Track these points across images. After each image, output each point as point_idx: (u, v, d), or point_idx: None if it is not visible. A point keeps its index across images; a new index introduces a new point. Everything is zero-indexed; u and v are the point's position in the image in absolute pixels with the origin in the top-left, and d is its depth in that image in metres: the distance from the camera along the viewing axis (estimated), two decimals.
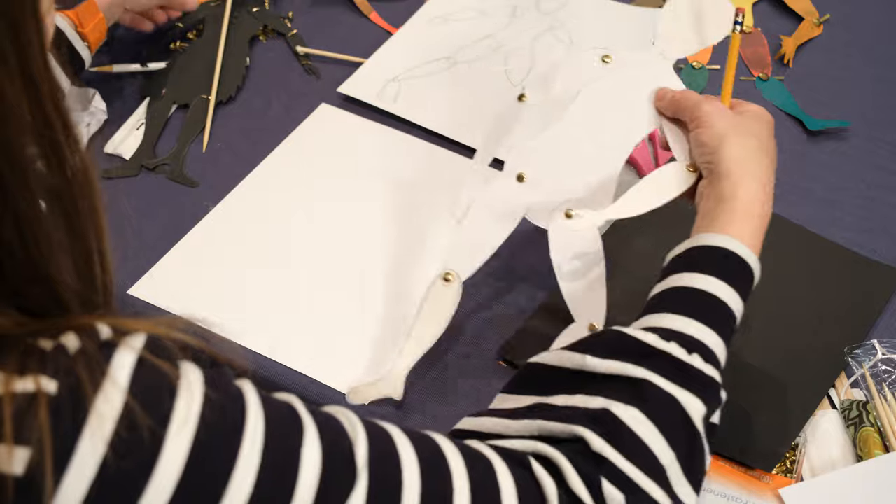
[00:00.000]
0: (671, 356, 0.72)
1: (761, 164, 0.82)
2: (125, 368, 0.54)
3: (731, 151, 0.82)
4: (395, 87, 1.20)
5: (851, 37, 1.26)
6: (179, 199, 1.09)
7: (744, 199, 0.80)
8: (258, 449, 0.56)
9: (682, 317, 0.75)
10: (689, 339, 0.74)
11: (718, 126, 0.84)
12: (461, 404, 0.91)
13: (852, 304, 0.97)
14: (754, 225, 0.79)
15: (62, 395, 0.52)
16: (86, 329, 0.55)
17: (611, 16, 1.28)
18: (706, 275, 0.77)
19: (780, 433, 0.87)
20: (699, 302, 0.76)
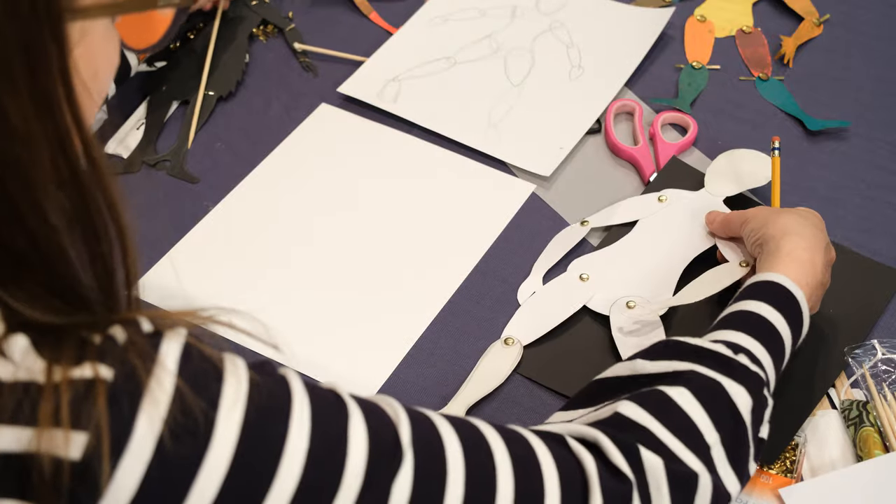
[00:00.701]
0: (717, 353, 0.76)
1: (805, 227, 0.88)
2: (173, 355, 0.55)
3: (777, 222, 0.89)
4: (395, 86, 1.20)
5: (851, 37, 1.26)
6: (180, 199, 1.09)
7: (786, 248, 0.86)
8: (306, 430, 0.57)
9: (730, 330, 0.80)
10: (735, 344, 0.78)
11: (763, 212, 0.92)
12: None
13: (853, 304, 0.97)
14: (798, 266, 0.85)
15: (118, 382, 0.53)
16: (130, 322, 0.56)
17: (611, 16, 1.28)
18: (752, 300, 0.82)
19: (780, 432, 0.87)
20: (745, 319, 0.81)
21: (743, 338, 0.79)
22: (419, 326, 0.98)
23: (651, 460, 0.68)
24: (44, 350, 0.53)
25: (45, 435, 0.51)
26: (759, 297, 0.82)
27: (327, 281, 1.02)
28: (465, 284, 1.01)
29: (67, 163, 0.54)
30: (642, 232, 1.04)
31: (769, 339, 0.80)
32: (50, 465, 0.51)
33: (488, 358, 0.94)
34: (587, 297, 0.98)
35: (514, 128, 1.15)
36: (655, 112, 1.16)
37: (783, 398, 0.90)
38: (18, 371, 0.52)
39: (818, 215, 0.93)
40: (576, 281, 1.00)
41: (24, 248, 0.54)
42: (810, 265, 0.85)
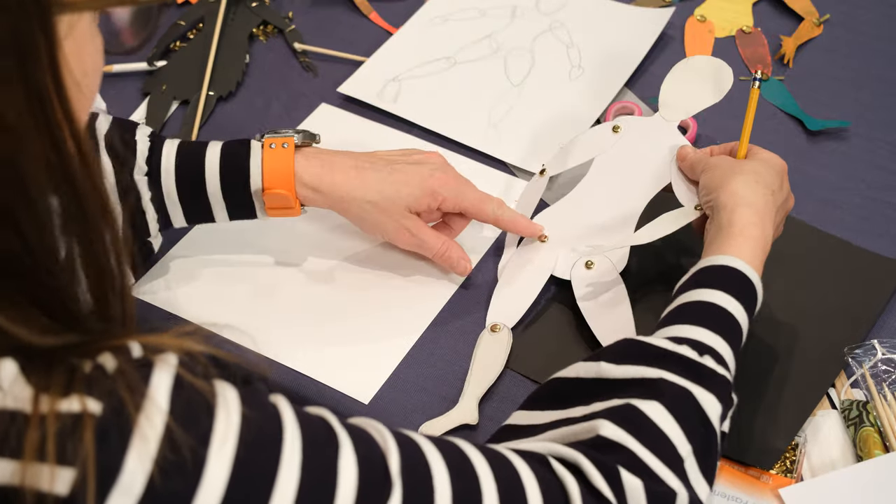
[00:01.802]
0: (684, 357, 0.75)
1: (756, 192, 0.86)
2: (163, 389, 0.54)
3: (728, 187, 0.87)
4: (395, 86, 1.20)
5: (851, 37, 1.26)
6: None
7: (738, 224, 0.84)
8: (297, 463, 0.57)
9: (691, 325, 0.79)
10: (700, 343, 0.77)
11: (720, 169, 0.90)
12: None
13: (855, 299, 0.97)
14: (751, 245, 0.84)
15: (107, 416, 0.52)
16: (119, 349, 0.55)
17: (611, 16, 1.28)
18: (709, 289, 0.81)
19: (780, 432, 0.87)
20: (705, 312, 0.80)
21: (705, 334, 0.78)
22: (419, 326, 0.97)
23: (631, 482, 0.68)
24: (32, 377, 0.52)
25: (30, 468, 0.50)
26: (716, 285, 0.81)
27: (327, 280, 1.02)
28: (465, 284, 1.01)
29: (60, 160, 0.54)
30: (597, 173, 1.02)
31: (730, 331, 0.79)
32: (34, 500, 0.51)
33: (481, 349, 0.94)
34: (552, 262, 0.98)
35: (514, 128, 1.15)
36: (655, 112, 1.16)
37: (783, 398, 0.90)
38: (6, 398, 0.52)
39: (777, 165, 0.91)
40: (537, 245, 0.99)
41: (17, 252, 0.53)
42: (762, 240, 0.84)
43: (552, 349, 0.95)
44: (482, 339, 0.95)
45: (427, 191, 0.95)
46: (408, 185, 0.95)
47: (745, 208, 0.85)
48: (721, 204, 0.87)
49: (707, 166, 0.92)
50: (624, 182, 1.01)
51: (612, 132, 1.03)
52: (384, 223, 0.95)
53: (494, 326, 0.95)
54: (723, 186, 0.88)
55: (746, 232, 0.84)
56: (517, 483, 0.66)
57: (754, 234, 0.84)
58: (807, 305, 0.97)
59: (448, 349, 0.96)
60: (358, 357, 0.96)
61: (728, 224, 0.85)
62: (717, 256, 0.83)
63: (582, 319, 0.95)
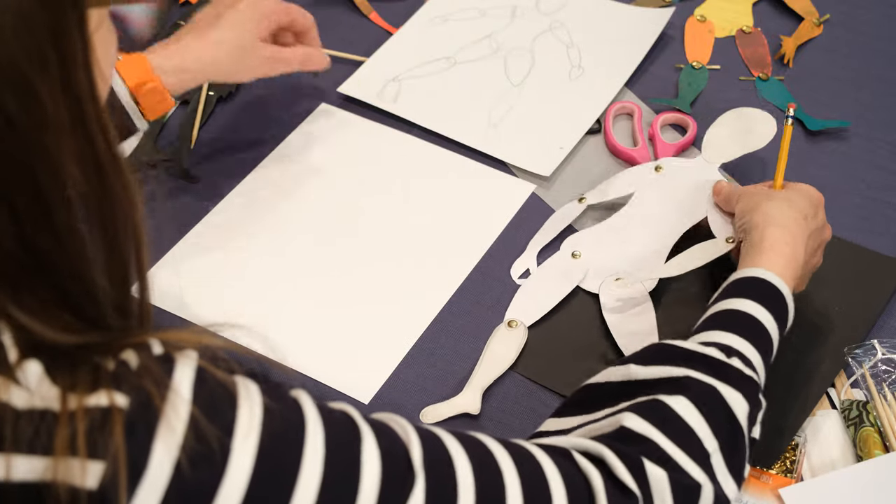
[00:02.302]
0: (710, 357, 0.76)
1: (787, 216, 0.88)
2: (187, 381, 0.55)
3: (761, 209, 0.90)
4: (395, 86, 1.20)
5: (851, 37, 1.26)
6: (179, 199, 1.09)
7: (769, 240, 0.86)
8: (320, 455, 0.57)
9: (719, 331, 0.80)
10: (727, 346, 0.78)
11: (755, 196, 0.93)
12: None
13: (855, 299, 0.97)
14: (782, 261, 0.85)
15: (134, 409, 0.53)
16: (141, 346, 0.55)
17: (611, 16, 1.28)
18: (738, 298, 0.82)
19: (779, 432, 0.87)
20: (733, 319, 0.81)
21: (734, 339, 0.79)
22: (419, 326, 0.98)
23: (655, 474, 0.68)
24: (58, 377, 0.53)
25: (62, 464, 0.51)
26: (745, 294, 0.82)
27: (327, 280, 1.02)
28: (465, 284, 1.01)
29: (92, 154, 0.54)
30: (635, 206, 1.05)
31: (758, 337, 0.80)
32: (67, 495, 0.51)
33: (495, 341, 0.95)
34: (581, 275, 1.00)
35: (514, 128, 1.15)
36: (655, 112, 1.16)
37: (783, 398, 0.90)
38: (34, 398, 0.52)
39: (812, 195, 0.92)
40: (568, 258, 1.01)
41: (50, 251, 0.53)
42: (792, 258, 0.86)
43: (561, 357, 0.95)
44: (497, 332, 0.96)
45: (262, 16, 1.04)
46: (247, 22, 1.03)
47: (776, 228, 0.87)
48: (753, 224, 0.89)
49: (743, 194, 0.95)
50: (660, 216, 1.03)
51: (654, 171, 1.06)
52: (250, 63, 1.04)
53: (512, 322, 0.96)
54: (756, 209, 0.90)
55: (777, 248, 0.86)
56: (541, 476, 0.66)
57: (785, 252, 0.86)
58: (807, 306, 0.97)
59: (448, 349, 0.96)
60: (358, 357, 0.96)
61: (759, 241, 0.87)
62: (748, 269, 0.85)
63: (596, 332, 0.96)
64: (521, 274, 1.01)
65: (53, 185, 0.53)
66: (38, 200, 0.52)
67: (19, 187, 0.52)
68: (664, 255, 1.00)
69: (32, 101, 0.51)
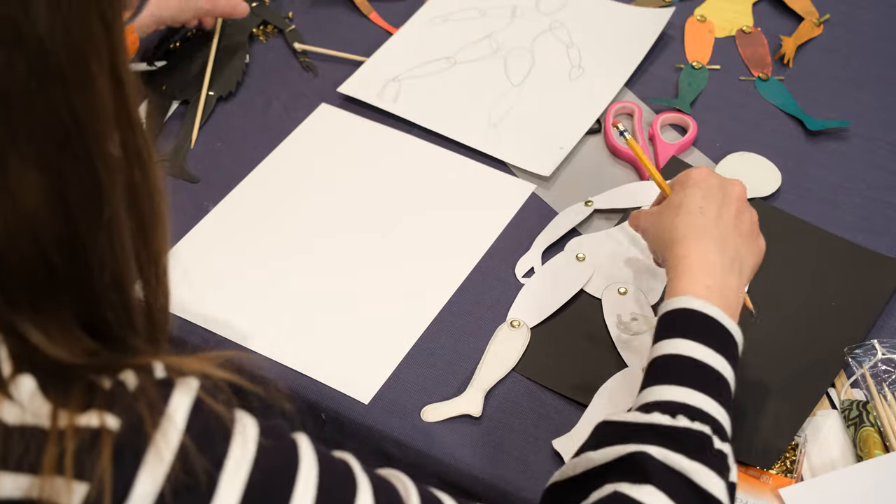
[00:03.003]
0: (656, 424, 0.71)
1: (684, 224, 0.83)
2: (182, 409, 0.54)
3: (659, 229, 0.85)
4: (395, 86, 1.20)
5: (851, 37, 1.26)
6: (179, 199, 1.09)
7: (675, 260, 0.81)
8: (310, 499, 0.57)
9: (658, 386, 0.75)
10: (669, 403, 0.73)
11: (650, 218, 0.88)
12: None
13: (855, 299, 0.97)
14: (699, 276, 0.79)
15: (124, 433, 0.52)
16: (142, 367, 0.55)
17: (611, 16, 1.28)
18: (671, 339, 0.76)
19: (780, 432, 0.87)
20: (667, 367, 0.76)
21: (673, 391, 0.74)
22: (419, 326, 0.97)
23: None
24: (50, 393, 0.52)
25: (48, 483, 0.51)
26: (675, 333, 0.76)
27: (327, 280, 1.02)
28: (465, 284, 1.01)
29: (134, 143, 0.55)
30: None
31: (699, 378, 0.75)
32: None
33: (497, 341, 0.95)
34: (585, 278, 1.00)
35: (514, 128, 1.15)
36: (655, 112, 1.16)
37: (783, 398, 0.90)
38: (25, 415, 0.52)
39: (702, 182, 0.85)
40: (572, 260, 1.01)
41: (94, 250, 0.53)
42: (707, 267, 0.79)
43: (563, 358, 0.95)
44: (499, 332, 0.96)
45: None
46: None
47: (677, 244, 0.82)
48: (659, 248, 0.86)
49: (641, 221, 0.90)
50: None
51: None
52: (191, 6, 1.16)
53: (514, 322, 0.96)
54: (657, 235, 0.86)
55: (687, 265, 0.80)
56: None
57: (696, 266, 0.79)
58: (807, 305, 0.97)
59: (448, 349, 0.96)
60: (358, 357, 0.96)
61: (672, 267, 0.81)
62: (670, 301, 0.79)
63: (599, 335, 0.96)
64: (525, 272, 1.01)
65: (106, 175, 0.53)
66: (92, 193, 0.53)
67: (77, 179, 0.52)
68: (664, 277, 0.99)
69: (91, 89, 0.51)
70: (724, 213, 0.84)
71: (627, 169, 1.11)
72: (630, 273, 1.00)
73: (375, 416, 0.91)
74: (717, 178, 0.86)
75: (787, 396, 0.90)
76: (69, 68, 0.51)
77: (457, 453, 0.89)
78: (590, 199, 1.07)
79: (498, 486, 0.87)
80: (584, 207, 1.06)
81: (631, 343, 0.95)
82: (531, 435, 0.89)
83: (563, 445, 0.87)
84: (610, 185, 1.09)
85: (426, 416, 0.91)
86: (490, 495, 0.87)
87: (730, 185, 0.86)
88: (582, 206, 1.06)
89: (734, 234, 0.83)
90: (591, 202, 1.06)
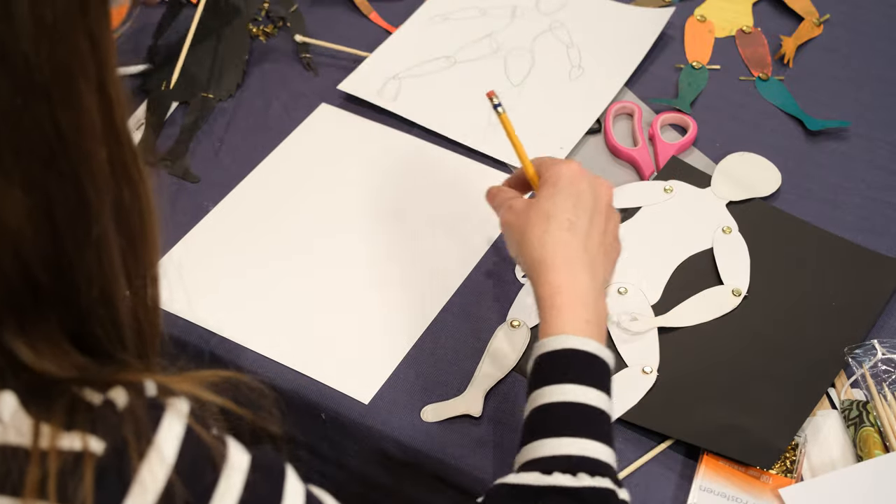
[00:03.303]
0: (560, 487, 0.70)
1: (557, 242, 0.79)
2: (172, 440, 0.53)
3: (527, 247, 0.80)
4: (395, 84, 1.20)
5: (851, 37, 1.26)
6: (179, 199, 1.09)
7: (546, 296, 0.77)
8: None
9: (551, 439, 0.72)
10: (567, 458, 0.71)
11: (514, 230, 0.83)
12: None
13: (855, 299, 0.97)
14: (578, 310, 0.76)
15: (108, 458, 0.51)
16: (133, 385, 0.54)
17: (611, 16, 1.28)
18: (554, 384, 0.74)
19: (780, 432, 0.87)
20: (558, 415, 0.73)
21: (571, 444, 0.71)
22: (419, 326, 0.98)
23: None
24: (32, 410, 0.51)
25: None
26: (560, 377, 0.74)
27: (327, 280, 1.02)
28: (465, 284, 1.01)
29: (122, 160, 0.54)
30: (642, 222, 1.05)
31: (589, 425, 0.72)
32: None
33: (497, 341, 0.95)
34: None
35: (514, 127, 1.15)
36: (655, 112, 1.16)
37: (783, 398, 0.90)
38: (7, 433, 0.51)
39: (567, 181, 0.82)
40: None
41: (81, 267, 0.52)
42: (583, 296, 0.77)
43: None
44: (499, 332, 0.96)
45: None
46: None
47: (544, 271, 0.78)
48: (528, 270, 0.80)
49: (505, 227, 0.85)
50: (665, 238, 1.03)
51: (663, 191, 1.07)
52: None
53: (514, 322, 0.96)
54: (521, 249, 0.81)
55: (557, 299, 0.76)
56: None
57: (565, 298, 0.76)
58: (807, 305, 0.97)
59: (448, 349, 0.96)
60: (358, 357, 0.96)
61: (540, 298, 0.78)
62: (549, 340, 0.75)
63: None
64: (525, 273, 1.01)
65: (94, 192, 0.52)
66: (79, 211, 0.52)
67: (63, 197, 0.51)
68: (665, 277, 1.00)
69: (78, 106, 0.51)
70: (593, 231, 0.81)
71: (627, 169, 1.11)
72: (630, 273, 1.00)
73: (375, 416, 0.91)
74: (588, 179, 0.83)
75: (786, 396, 0.90)
76: (55, 85, 0.50)
77: (457, 453, 0.89)
78: None
79: None
80: None
81: (631, 343, 0.95)
82: None
83: None
84: None
85: (426, 416, 0.91)
86: None
87: (599, 188, 0.83)
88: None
89: (602, 254, 0.81)
90: None
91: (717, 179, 1.08)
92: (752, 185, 1.07)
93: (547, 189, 0.83)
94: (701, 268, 1.00)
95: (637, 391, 0.91)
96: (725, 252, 1.01)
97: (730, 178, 1.08)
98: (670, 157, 1.10)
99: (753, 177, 1.08)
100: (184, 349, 0.97)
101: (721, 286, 0.98)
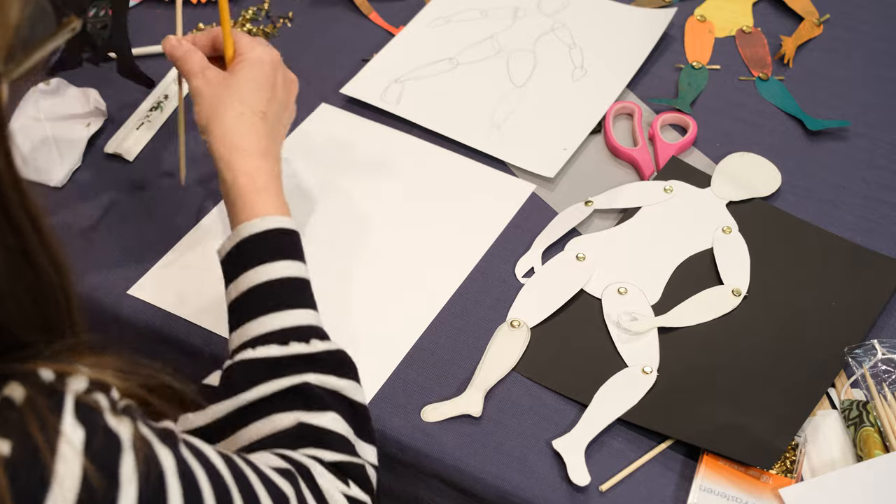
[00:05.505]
0: (301, 354, 0.77)
1: (249, 128, 0.85)
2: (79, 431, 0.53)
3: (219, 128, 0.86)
4: (397, 88, 1.20)
5: (851, 37, 1.26)
6: (179, 199, 1.09)
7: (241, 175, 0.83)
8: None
9: (277, 313, 0.79)
10: (296, 329, 0.78)
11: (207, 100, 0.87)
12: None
13: (855, 299, 0.97)
14: (269, 193, 0.83)
15: (18, 457, 0.50)
16: (28, 376, 0.53)
17: (612, 16, 1.28)
18: (266, 263, 0.80)
19: (780, 432, 0.88)
20: (275, 291, 0.80)
21: (295, 315, 0.79)
22: (419, 326, 0.98)
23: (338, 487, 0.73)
24: None
25: None
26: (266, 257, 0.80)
27: (327, 280, 1.02)
28: (465, 284, 1.01)
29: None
30: (642, 221, 1.05)
31: (307, 294, 0.81)
32: None
33: (497, 342, 0.96)
34: (585, 278, 1.00)
35: (517, 129, 1.15)
36: (655, 112, 1.16)
37: (783, 398, 0.90)
38: None
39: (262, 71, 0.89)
40: (573, 260, 1.02)
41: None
42: (274, 179, 0.84)
43: (563, 358, 0.95)
44: (499, 332, 0.96)
45: None
46: None
47: (236, 157, 0.84)
48: (217, 154, 0.85)
49: (194, 88, 0.89)
50: (665, 238, 1.04)
51: (663, 191, 1.07)
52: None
53: (514, 322, 0.97)
54: (213, 127, 0.86)
55: (251, 186, 0.83)
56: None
57: (259, 184, 0.83)
58: (807, 305, 0.97)
59: (448, 349, 0.96)
60: (358, 357, 0.96)
61: (235, 184, 0.83)
62: (249, 224, 0.82)
63: (599, 335, 0.96)
64: (525, 272, 1.01)
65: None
66: None
67: None
68: (665, 277, 1.00)
69: None
70: (279, 125, 0.89)
71: (627, 169, 1.12)
72: (630, 273, 1.00)
73: (375, 416, 0.91)
74: (283, 72, 0.91)
75: (787, 396, 0.90)
76: None
77: (457, 453, 0.89)
78: (590, 199, 1.07)
79: (498, 486, 0.87)
80: (584, 207, 1.06)
81: (631, 343, 0.95)
82: (531, 435, 0.89)
83: (564, 445, 0.88)
84: (610, 185, 1.09)
85: (426, 416, 0.91)
86: (490, 495, 0.87)
87: (291, 84, 0.93)
88: (582, 206, 1.06)
89: (284, 129, 0.90)
90: (591, 202, 1.07)
91: (717, 179, 1.08)
92: (752, 185, 1.07)
93: (245, 72, 0.89)
94: (701, 268, 1.00)
95: (637, 391, 0.91)
96: (725, 252, 1.01)
97: (730, 178, 1.08)
98: (670, 158, 1.10)
99: (753, 177, 1.08)
100: (184, 349, 0.97)
101: (721, 286, 0.98)
